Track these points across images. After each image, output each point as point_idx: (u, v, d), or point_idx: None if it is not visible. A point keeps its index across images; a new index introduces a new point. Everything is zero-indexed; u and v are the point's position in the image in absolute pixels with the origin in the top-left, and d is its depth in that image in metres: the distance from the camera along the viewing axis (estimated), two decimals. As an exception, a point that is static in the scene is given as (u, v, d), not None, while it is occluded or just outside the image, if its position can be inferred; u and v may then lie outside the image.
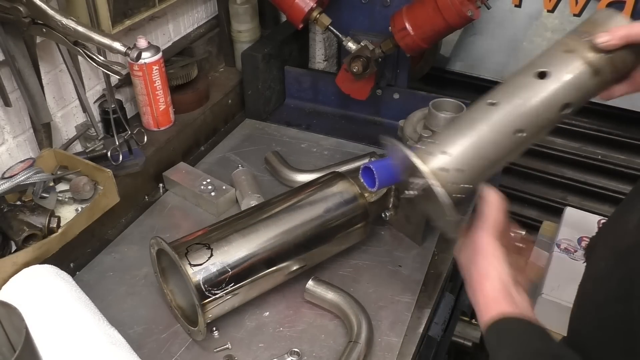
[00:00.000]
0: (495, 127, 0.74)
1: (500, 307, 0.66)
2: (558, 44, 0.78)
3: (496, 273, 0.69)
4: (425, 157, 0.73)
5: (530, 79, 0.75)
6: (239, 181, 1.22)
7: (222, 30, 1.52)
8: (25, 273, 0.92)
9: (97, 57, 0.94)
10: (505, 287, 0.68)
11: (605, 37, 0.71)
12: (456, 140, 0.74)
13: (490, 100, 0.75)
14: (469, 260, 0.73)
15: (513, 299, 0.67)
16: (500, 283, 0.69)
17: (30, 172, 0.98)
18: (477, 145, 0.74)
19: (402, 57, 1.40)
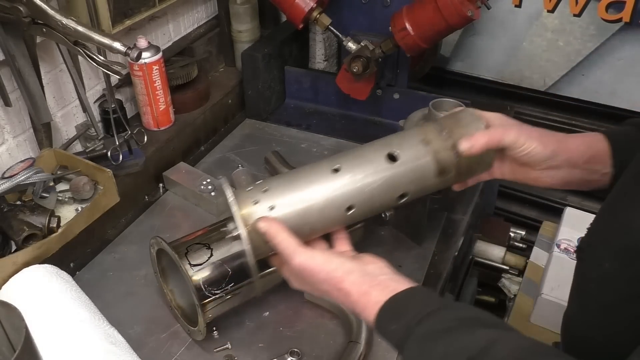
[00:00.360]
0: (330, 199, 0.74)
1: (373, 297, 0.64)
2: (420, 130, 0.79)
3: (342, 273, 0.67)
4: (250, 206, 0.72)
5: (380, 159, 0.76)
6: (239, 181, 1.22)
7: (222, 30, 1.52)
8: (25, 273, 0.92)
9: (97, 57, 0.94)
10: (364, 274, 0.66)
11: (467, 144, 0.72)
12: (287, 199, 0.73)
13: (335, 167, 0.75)
14: (312, 285, 0.70)
15: (378, 281, 0.65)
16: (355, 275, 0.66)
17: (30, 172, 0.98)
18: (305, 209, 0.73)
19: (402, 57, 1.40)
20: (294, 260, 0.68)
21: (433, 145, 0.76)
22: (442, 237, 1.14)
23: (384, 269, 0.68)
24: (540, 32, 1.50)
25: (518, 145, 0.74)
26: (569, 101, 1.57)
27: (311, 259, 0.68)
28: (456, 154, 0.75)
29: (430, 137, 0.76)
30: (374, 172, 0.74)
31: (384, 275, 0.67)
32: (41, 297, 0.88)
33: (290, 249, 0.69)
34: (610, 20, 1.39)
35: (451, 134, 0.76)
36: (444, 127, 0.77)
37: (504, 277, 1.53)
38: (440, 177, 0.77)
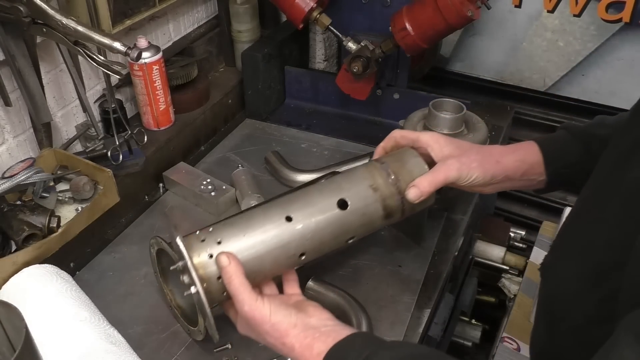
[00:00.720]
0: (283, 248, 0.76)
1: (315, 349, 0.66)
2: (369, 173, 0.83)
3: (286, 326, 0.69)
4: (205, 258, 0.74)
5: (331, 206, 0.79)
6: (239, 181, 1.22)
7: (222, 30, 1.52)
8: (26, 273, 0.92)
9: (98, 57, 0.94)
10: (306, 327, 0.69)
11: (415, 195, 0.79)
12: (241, 252, 0.74)
13: (288, 215, 0.77)
14: (257, 334, 0.73)
15: (320, 332, 0.68)
16: (298, 329, 0.69)
17: (31, 172, 0.98)
18: (259, 260, 0.75)
19: (402, 57, 1.40)
20: (243, 307, 0.71)
21: (381, 192, 0.81)
22: (442, 237, 1.14)
23: (327, 321, 0.71)
24: (540, 32, 1.50)
25: (461, 179, 0.80)
26: (569, 101, 1.57)
27: (257, 310, 0.70)
28: (401, 199, 0.81)
29: (378, 183, 0.81)
30: (326, 221, 0.78)
31: (326, 327, 0.69)
32: (41, 297, 0.88)
33: (240, 296, 0.71)
34: (610, 20, 1.39)
35: (397, 179, 0.81)
36: (390, 172, 0.82)
37: (504, 277, 1.53)
38: (386, 220, 0.83)
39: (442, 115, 1.15)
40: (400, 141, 0.89)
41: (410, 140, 0.87)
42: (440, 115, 1.15)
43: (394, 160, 0.84)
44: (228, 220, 0.78)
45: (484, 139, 1.12)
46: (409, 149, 0.86)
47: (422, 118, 1.23)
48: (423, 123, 1.22)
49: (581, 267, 0.62)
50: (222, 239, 0.75)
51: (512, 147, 0.87)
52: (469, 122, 1.20)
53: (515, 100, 1.61)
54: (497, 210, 1.73)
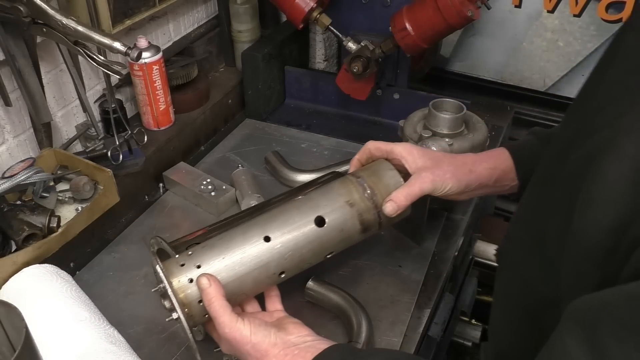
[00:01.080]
0: (263, 269, 0.77)
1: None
2: (345, 188, 0.83)
3: (266, 346, 0.71)
4: (185, 282, 0.75)
5: (309, 224, 0.80)
6: (239, 181, 1.22)
7: (223, 30, 1.52)
8: (26, 272, 0.92)
9: (98, 57, 0.94)
10: (286, 346, 0.71)
11: (392, 209, 0.81)
12: (221, 272, 0.75)
13: (266, 235, 0.78)
14: (241, 353, 0.74)
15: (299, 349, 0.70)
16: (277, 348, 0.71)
17: (31, 172, 0.98)
18: (239, 281, 0.76)
19: (402, 57, 1.40)
20: (224, 329, 0.72)
21: (357, 207, 0.82)
22: (442, 237, 1.14)
23: (306, 337, 0.73)
24: (540, 33, 1.50)
25: (436, 191, 0.83)
26: (569, 101, 1.56)
27: (238, 331, 0.72)
28: (378, 213, 0.83)
29: (355, 198, 0.82)
30: (304, 239, 0.79)
31: (305, 343, 0.72)
32: (41, 297, 0.88)
33: (220, 318, 0.72)
34: (610, 20, 1.39)
35: (373, 193, 0.82)
36: (366, 186, 0.83)
37: (504, 277, 1.53)
38: (364, 233, 0.85)
39: (442, 115, 1.15)
40: (375, 153, 0.90)
41: (384, 152, 0.88)
42: (440, 115, 1.15)
43: (369, 175, 0.85)
44: (208, 243, 0.79)
45: (484, 139, 1.12)
46: (384, 162, 0.88)
47: (422, 118, 1.23)
48: (423, 123, 1.22)
49: (535, 255, 0.64)
50: (201, 262, 0.76)
51: (484, 155, 0.91)
52: (469, 122, 1.20)
53: (515, 100, 1.61)
54: (497, 210, 1.73)
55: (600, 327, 0.40)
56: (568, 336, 0.43)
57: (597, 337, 0.40)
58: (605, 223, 0.44)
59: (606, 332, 0.40)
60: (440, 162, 0.86)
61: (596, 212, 0.45)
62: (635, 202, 0.43)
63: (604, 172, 0.45)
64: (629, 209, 0.43)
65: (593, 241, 0.45)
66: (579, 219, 0.47)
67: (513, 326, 0.69)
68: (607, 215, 0.44)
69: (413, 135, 1.21)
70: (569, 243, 0.49)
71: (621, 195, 0.43)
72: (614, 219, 0.44)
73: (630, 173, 0.43)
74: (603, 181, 0.45)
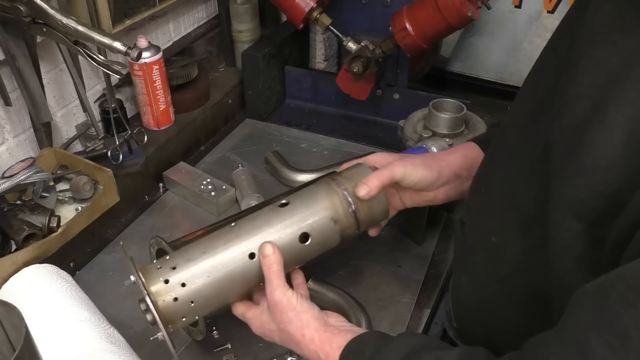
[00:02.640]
0: (246, 280, 0.77)
1: (335, 343, 0.69)
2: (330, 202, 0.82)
3: (308, 317, 0.72)
4: (161, 286, 0.74)
5: (294, 241, 0.80)
6: (239, 181, 1.22)
7: (223, 30, 1.52)
8: (25, 272, 0.92)
9: (98, 57, 0.94)
10: (326, 324, 0.72)
11: (364, 191, 0.81)
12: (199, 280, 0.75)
13: (252, 252, 0.77)
14: (279, 322, 0.74)
15: (339, 330, 0.71)
16: (319, 322, 0.72)
17: (31, 172, 0.98)
18: (218, 288, 0.76)
19: (402, 57, 1.40)
20: (275, 292, 0.73)
21: (341, 224, 0.82)
22: (442, 237, 1.14)
23: (344, 323, 0.75)
24: (540, 33, 1.50)
25: (407, 176, 0.84)
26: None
27: (287, 296, 0.73)
28: (357, 228, 0.84)
29: (339, 215, 0.82)
30: (288, 254, 0.78)
31: (344, 326, 0.74)
32: (41, 297, 0.88)
33: (276, 281, 0.73)
34: (610, 20, 1.39)
35: (357, 210, 0.83)
36: (351, 201, 0.82)
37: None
38: (340, 246, 0.86)
39: (442, 115, 1.15)
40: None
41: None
42: (440, 115, 1.15)
43: (354, 186, 0.84)
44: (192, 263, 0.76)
45: (484, 139, 1.12)
46: (367, 169, 0.86)
47: (422, 118, 1.23)
48: (423, 123, 1.22)
49: (502, 222, 0.65)
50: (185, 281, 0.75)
51: (452, 148, 0.92)
52: (469, 122, 1.21)
53: (515, 100, 1.61)
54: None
55: (612, 295, 0.42)
56: (580, 310, 0.45)
57: (607, 305, 0.42)
58: (598, 189, 0.48)
59: (618, 299, 0.41)
60: (410, 156, 0.89)
61: (589, 180, 0.48)
62: (625, 171, 0.46)
63: (595, 142, 0.48)
64: (620, 177, 0.46)
65: (587, 205, 0.49)
66: (572, 185, 0.50)
67: (479, 292, 0.70)
68: (600, 182, 0.48)
69: (413, 135, 1.21)
70: (559, 206, 0.52)
71: (612, 164, 0.47)
72: (607, 186, 0.47)
73: (619, 143, 0.46)
74: (594, 151, 0.48)
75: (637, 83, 0.47)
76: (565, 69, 0.56)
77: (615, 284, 0.42)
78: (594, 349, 0.42)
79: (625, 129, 0.46)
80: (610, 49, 0.51)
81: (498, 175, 0.70)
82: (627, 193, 0.45)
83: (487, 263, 0.68)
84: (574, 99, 0.53)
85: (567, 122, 0.52)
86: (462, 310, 0.79)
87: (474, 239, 0.73)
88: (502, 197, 0.67)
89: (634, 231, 0.44)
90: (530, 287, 0.60)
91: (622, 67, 0.49)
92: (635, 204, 0.45)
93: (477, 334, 0.75)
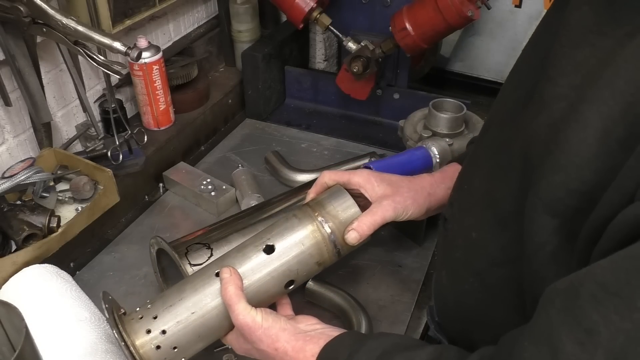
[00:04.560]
0: (226, 318, 0.75)
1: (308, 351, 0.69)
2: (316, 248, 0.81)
3: (276, 330, 0.72)
4: (141, 334, 0.72)
5: (279, 288, 0.79)
6: (239, 181, 1.22)
7: (223, 30, 1.52)
8: (26, 272, 0.92)
9: (98, 57, 0.94)
10: (296, 332, 0.72)
11: (356, 237, 0.80)
12: (178, 327, 0.73)
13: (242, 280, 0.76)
14: (252, 342, 0.73)
15: (310, 336, 0.71)
16: (288, 333, 0.72)
17: (31, 172, 0.98)
18: (198, 333, 0.75)
19: (402, 57, 1.40)
20: (238, 316, 0.72)
21: (324, 264, 0.83)
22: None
23: (315, 326, 0.75)
24: (540, 32, 1.50)
25: (397, 217, 0.85)
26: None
27: (250, 316, 0.72)
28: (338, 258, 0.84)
29: (324, 258, 0.82)
30: (271, 297, 0.79)
31: (315, 330, 0.73)
32: (41, 297, 0.88)
33: (235, 306, 0.72)
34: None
35: (341, 249, 0.82)
36: (337, 244, 0.81)
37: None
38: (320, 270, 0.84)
39: (442, 115, 1.15)
40: (331, 184, 0.88)
41: (342, 183, 0.87)
42: (440, 115, 1.15)
43: (338, 224, 0.82)
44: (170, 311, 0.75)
45: (484, 139, 1.12)
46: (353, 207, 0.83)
47: (422, 118, 1.24)
48: (423, 123, 1.22)
49: (481, 218, 0.66)
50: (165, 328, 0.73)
51: (440, 175, 0.92)
52: (469, 122, 1.21)
53: (515, 100, 1.61)
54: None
55: (582, 293, 0.43)
56: (551, 307, 0.46)
57: (577, 303, 0.43)
58: (573, 187, 0.49)
59: (587, 297, 0.42)
60: (400, 187, 0.87)
61: (564, 177, 0.50)
62: (599, 169, 0.47)
63: (570, 141, 0.49)
64: (594, 175, 0.48)
65: (562, 202, 0.50)
66: (548, 183, 0.51)
67: (460, 287, 0.71)
68: (574, 180, 0.49)
69: (413, 135, 1.21)
70: (534, 202, 0.53)
71: (587, 162, 0.48)
72: (582, 184, 0.48)
73: (593, 142, 0.48)
74: (569, 149, 0.49)
75: (609, 83, 0.48)
76: (544, 67, 0.57)
77: (584, 282, 0.43)
78: (564, 345, 0.43)
79: (599, 128, 0.47)
80: (589, 50, 0.52)
81: (479, 172, 0.71)
82: (601, 191, 0.46)
83: (466, 258, 0.69)
84: (553, 98, 0.54)
85: (544, 120, 0.54)
86: (442, 304, 0.80)
87: (455, 234, 0.73)
88: (482, 194, 0.68)
89: (604, 227, 0.45)
90: (508, 281, 0.61)
91: (598, 67, 0.50)
92: (605, 199, 0.46)
93: (456, 328, 0.76)
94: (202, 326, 0.75)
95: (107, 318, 0.72)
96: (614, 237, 0.44)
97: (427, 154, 1.09)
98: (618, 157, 0.46)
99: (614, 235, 0.44)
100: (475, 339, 0.68)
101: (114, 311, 0.74)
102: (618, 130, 0.46)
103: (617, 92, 0.47)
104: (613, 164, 0.46)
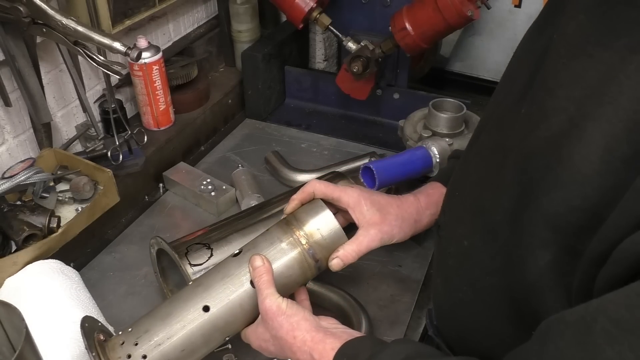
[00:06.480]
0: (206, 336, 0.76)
1: (329, 344, 0.69)
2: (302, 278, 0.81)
3: (298, 319, 0.72)
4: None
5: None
6: (239, 181, 1.22)
7: (222, 30, 1.52)
8: (30, 269, 0.92)
9: (97, 57, 0.94)
10: (318, 326, 0.72)
11: (339, 265, 0.82)
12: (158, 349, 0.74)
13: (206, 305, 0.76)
14: (271, 329, 0.74)
15: (331, 332, 0.71)
16: (310, 324, 0.72)
17: (31, 172, 0.98)
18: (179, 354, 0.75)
19: (402, 57, 1.40)
20: (265, 300, 0.73)
21: (307, 282, 0.84)
22: (442, 237, 1.14)
23: (337, 325, 0.76)
24: (540, 32, 1.50)
25: (384, 244, 0.87)
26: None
27: (276, 303, 0.73)
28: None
29: (307, 278, 0.83)
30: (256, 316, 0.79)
31: (337, 329, 0.74)
32: (42, 296, 0.88)
33: (265, 290, 0.74)
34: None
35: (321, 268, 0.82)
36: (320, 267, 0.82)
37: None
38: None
39: (442, 115, 1.15)
40: (319, 196, 0.87)
41: (331, 199, 0.87)
42: (440, 115, 1.15)
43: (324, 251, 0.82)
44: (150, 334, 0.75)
45: (484, 138, 1.12)
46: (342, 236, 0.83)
47: (422, 118, 1.24)
48: (423, 123, 1.22)
49: (473, 227, 0.66)
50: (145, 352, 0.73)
51: (426, 200, 0.92)
52: (469, 122, 1.21)
53: (515, 100, 1.61)
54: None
55: (594, 328, 0.42)
56: (560, 339, 0.45)
57: (591, 339, 0.42)
58: (575, 204, 0.49)
59: (601, 333, 0.41)
60: (388, 215, 0.87)
61: (566, 193, 0.49)
62: (601, 186, 0.47)
63: (572, 157, 0.49)
64: (596, 192, 0.47)
65: (563, 219, 0.50)
66: (549, 198, 0.51)
67: (454, 295, 0.71)
68: (576, 197, 0.48)
69: (413, 135, 1.21)
70: (535, 217, 0.52)
71: (589, 179, 0.47)
72: (583, 201, 0.48)
73: (596, 159, 0.47)
74: (572, 166, 0.49)
75: (613, 100, 0.47)
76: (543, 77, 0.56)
77: (597, 317, 0.42)
78: None
79: (602, 145, 0.47)
80: (587, 62, 0.51)
81: (470, 179, 0.71)
82: (603, 208, 0.46)
83: (459, 266, 0.69)
84: (551, 111, 0.53)
85: (542, 133, 0.53)
86: (439, 310, 0.80)
87: (448, 242, 0.73)
88: (472, 201, 0.67)
89: (610, 249, 0.44)
90: (500, 290, 0.61)
91: (599, 82, 0.49)
92: (611, 221, 0.45)
93: (452, 335, 0.76)
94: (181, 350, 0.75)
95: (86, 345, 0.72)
96: (621, 262, 0.43)
97: (427, 154, 1.09)
98: (621, 175, 0.45)
99: (621, 261, 0.43)
100: (471, 347, 0.68)
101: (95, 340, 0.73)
102: (622, 148, 0.46)
103: (621, 110, 0.47)
104: (616, 182, 0.46)
